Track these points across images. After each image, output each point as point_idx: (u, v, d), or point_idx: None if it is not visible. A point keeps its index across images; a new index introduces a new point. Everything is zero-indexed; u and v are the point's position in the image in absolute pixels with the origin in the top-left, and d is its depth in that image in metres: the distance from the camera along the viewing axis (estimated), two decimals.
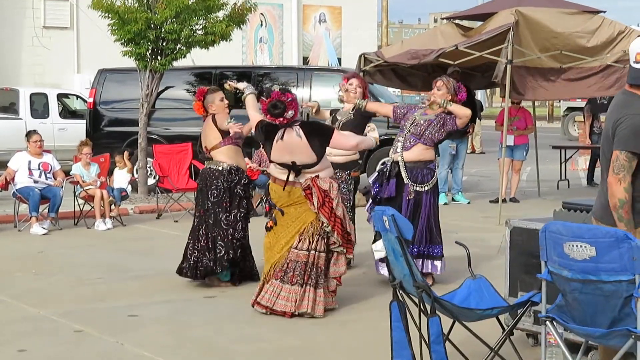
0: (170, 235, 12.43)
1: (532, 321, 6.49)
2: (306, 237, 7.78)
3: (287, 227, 7.86)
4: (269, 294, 7.80)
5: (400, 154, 8.84)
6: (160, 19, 15.14)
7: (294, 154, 7.78)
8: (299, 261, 7.76)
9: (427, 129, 8.83)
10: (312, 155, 7.78)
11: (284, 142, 7.79)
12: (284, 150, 7.80)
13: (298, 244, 7.78)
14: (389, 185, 8.79)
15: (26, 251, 11.21)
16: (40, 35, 28.00)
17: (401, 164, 8.82)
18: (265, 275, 7.93)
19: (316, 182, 7.76)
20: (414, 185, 8.77)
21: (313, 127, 7.97)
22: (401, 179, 8.82)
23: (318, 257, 7.78)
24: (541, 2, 15.23)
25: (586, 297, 4.81)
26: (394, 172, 8.83)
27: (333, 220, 7.76)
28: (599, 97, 19.37)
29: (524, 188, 17.37)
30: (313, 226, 7.78)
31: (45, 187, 12.77)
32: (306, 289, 7.73)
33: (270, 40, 32.12)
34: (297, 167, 7.78)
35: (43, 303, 8.35)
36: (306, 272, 7.74)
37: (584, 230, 4.77)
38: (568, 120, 33.86)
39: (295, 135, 7.78)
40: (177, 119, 17.40)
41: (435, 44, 14.32)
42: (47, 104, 21.26)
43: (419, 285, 5.51)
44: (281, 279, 7.77)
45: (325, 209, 7.74)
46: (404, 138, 8.86)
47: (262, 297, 7.84)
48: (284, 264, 7.79)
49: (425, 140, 8.83)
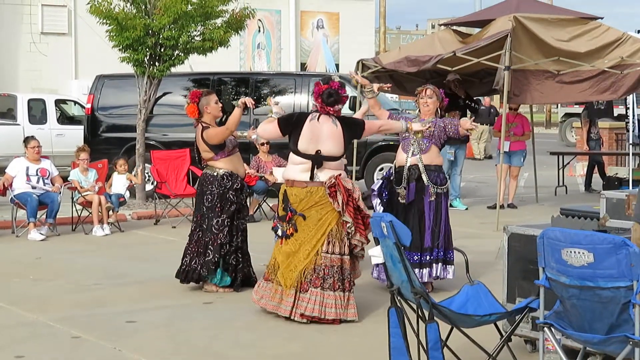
0: (168, 241, 12.43)
1: (530, 327, 6.49)
2: (335, 240, 7.71)
3: (310, 231, 7.75)
4: (315, 304, 7.63)
5: (419, 157, 8.82)
6: (159, 26, 15.15)
7: (321, 141, 7.74)
8: (335, 266, 7.68)
9: (435, 130, 8.84)
10: (340, 146, 7.79)
11: (318, 125, 7.76)
12: (313, 135, 7.74)
13: (329, 248, 7.70)
14: (410, 190, 8.76)
15: (24, 257, 11.20)
16: (38, 41, 28.03)
17: (421, 167, 8.80)
18: (292, 283, 7.72)
19: (341, 180, 7.71)
20: (434, 187, 8.79)
21: (348, 121, 8.04)
22: (420, 183, 8.80)
23: (347, 262, 7.76)
24: (539, 8, 15.29)
25: (584, 304, 4.82)
26: (414, 175, 8.79)
27: (357, 220, 7.73)
28: (596, 103, 19.41)
29: (521, 194, 17.38)
30: (338, 228, 7.72)
31: (43, 193, 12.76)
32: (349, 296, 7.72)
33: (268, 46, 32.16)
34: (321, 157, 7.72)
35: (41, 309, 8.34)
36: (345, 277, 7.71)
37: (581, 237, 4.78)
38: (565, 126, 33.89)
39: (332, 122, 7.79)
40: (175, 125, 17.40)
41: (433, 50, 14.35)
42: (44, 109, 21.25)
43: (417, 292, 5.51)
44: (321, 287, 7.65)
45: (350, 208, 7.70)
46: (417, 142, 8.84)
47: (307, 308, 7.65)
48: (319, 270, 7.67)
49: (435, 140, 8.87)
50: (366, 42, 33.05)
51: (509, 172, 15.96)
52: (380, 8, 38.72)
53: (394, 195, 8.86)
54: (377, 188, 8.97)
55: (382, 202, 8.90)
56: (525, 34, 13.83)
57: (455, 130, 8.87)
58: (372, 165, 16.91)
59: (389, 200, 8.89)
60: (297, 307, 7.69)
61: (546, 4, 19.02)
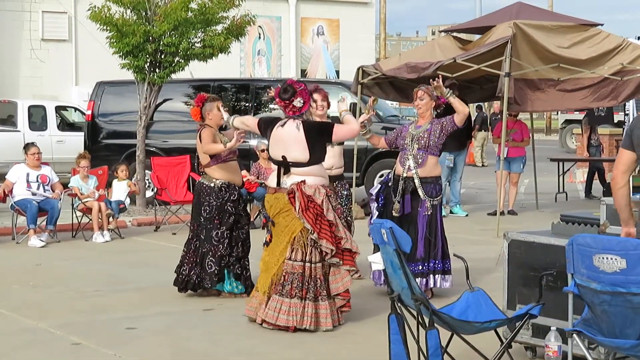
0: (168, 248, 12.42)
1: (530, 334, 6.49)
2: (298, 247, 7.68)
3: (279, 238, 7.80)
4: (272, 310, 7.68)
5: (415, 171, 8.79)
6: (159, 32, 15.16)
7: (286, 147, 7.73)
8: (295, 273, 7.65)
9: (430, 139, 8.84)
10: (305, 151, 7.68)
11: (282, 131, 7.76)
12: (279, 141, 7.77)
13: (291, 255, 7.68)
14: (406, 202, 8.75)
15: (24, 263, 11.20)
16: (39, 47, 28.05)
17: (417, 181, 8.77)
18: (266, 290, 7.79)
19: (300, 186, 7.65)
20: (430, 200, 8.78)
21: (313, 124, 7.93)
22: (415, 196, 8.79)
23: (314, 269, 7.69)
24: (539, 15, 15.29)
25: (615, 310, 4.81)
26: (409, 188, 8.78)
27: (319, 227, 7.61)
28: (596, 110, 19.43)
29: (521, 200, 17.38)
30: (302, 235, 7.68)
31: (44, 200, 12.76)
32: (305, 304, 7.63)
33: (269, 52, 32.18)
34: (287, 163, 7.71)
35: (41, 315, 8.34)
36: (304, 285, 7.64)
37: (614, 243, 4.77)
38: (566, 133, 33.93)
39: (295, 127, 7.73)
40: (175, 131, 17.41)
41: (434, 56, 14.35)
42: (45, 116, 21.27)
43: (418, 298, 5.51)
44: (280, 293, 7.68)
45: (309, 214, 7.59)
46: (413, 155, 8.83)
47: (267, 314, 7.71)
48: (280, 276, 7.71)
49: (432, 150, 8.85)
50: (366, 49, 33.06)
51: (509, 179, 15.96)
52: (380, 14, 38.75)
53: (390, 202, 8.87)
54: (375, 192, 8.99)
55: (377, 207, 8.93)
56: (525, 41, 13.84)
57: (452, 123, 8.85)
58: (373, 171, 16.89)
59: (384, 205, 8.92)
60: (264, 315, 7.71)
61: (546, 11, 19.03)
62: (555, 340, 5.53)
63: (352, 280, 8.06)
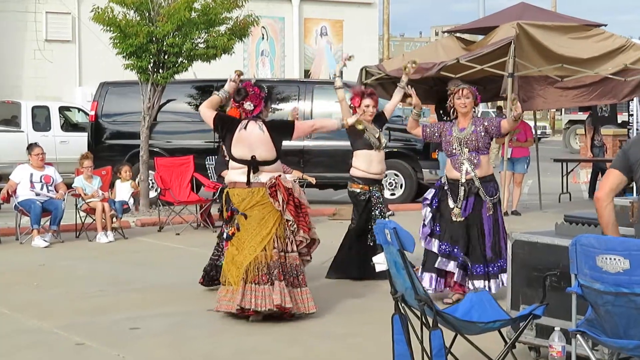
0: (172, 248, 12.43)
1: (534, 334, 6.48)
2: (280, 237, 7.96)
3: (253, 230, 7.96)
4: (262, 297, 7.84)
5: (474, 174, 8.58)
6: (162, 33, 15.18)
7: (254, 147, 7.98)
8: (280, 261, 7.92)
9: (478, 141, 8.61)
10: (272, 150, 8.00)
11: (246, 133, 8.01)
12: (244, 142, 7.99)
13: (276, 244, 7.94)
14: (468, 205, 8.57)
15: (27, 264, 11.21)
16: (42, 48, 28.10)
17: (477, 184, 8.59)
18: (238, 279, 7.88)
19: (280, 180, 7.95)
20: (490, 199, 8.63)
21: (274, 123, 8.23)
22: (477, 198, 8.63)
23: (294, 258, 8.01)
24: (542, 16, 15.30)
25: (619, 310, 4.80)
26: (473, 190, 8.59)
27: (298, 218, 7.99)
28: (600, 110, 19.44)
29: (525, 201, 17.37)
30: (281, 226, 7.96)
31: (47, 200, 12.77)
32: (291, 290, 7.91)
33: (272, 53, 32.20)
34: (256, 162, 7.95)
35: (44, 316, 8.34)
36: (287, 273, 7.93)
37: (617, 243, 4.76)
38: (570, 133, 33.92)
39: (258, 128, 8.00)
40: (179, 131, 17.45)
41: (437, 57, 14.36)
42: (49, 116, 21.29)
43: (421, 298, 5.50)
44: (265, 282, 7.83)
45: (290, 207, 7.94)
46: (467, 157, 8.59)
47: (255, 303, 7.83)
48: (263, 265, 7.85)
49: (482, 150, 8.65)
50: (370, 49, 33.06)
51: (513, 179, 15.95)
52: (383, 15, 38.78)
53: (445, 206, 8.67)
54: (431, 197, 8.78)
55: (432, 210, 8.72)
56: (528, 41, 13.85)
57: (497, 130, 8.66)
58: None
59: (438, 208, 8.71)
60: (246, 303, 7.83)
61: (549, 12, 19.05)
62: (559, 341, 5.52)
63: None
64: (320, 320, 8.10)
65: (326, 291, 9.22)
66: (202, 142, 16.93)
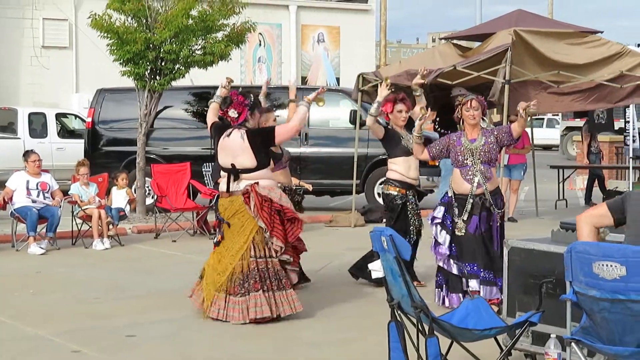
0: (168, 255, 12.42)
1: (530, 341, 6.48)
2: (258, 245, 8.09)
3: (234, 238, 8.16)
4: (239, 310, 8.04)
5: (484, 187, 8.45)
6: (159, 39, 15.18)
7: (234, 156, 8.14)
8: (258, 268, 8.05)
9: (491, 152, 8.49)
10: (252, 158, 8.10)
11: (228, 140, 8.18)
12: (227, 150, 8.18)
13: (254, 252, 8.08)
14: (482, 220, 8.43)
15: (24, 271, 11.19)
16: (39, 54, 28.09)
17: (489, 198, 8.47)
18: (220, 287, 8.12)
19: (255, 187, 8.07)
20: (499, 212, 8.54)
21: (255, 132, 8.26)
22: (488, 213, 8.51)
23: (274, 263, 8.11)
24: (538, 22, 15.32)
25: (615, 317, 4.79)
26: (485, 205, 8.45)
27: (272, 225, 8.06)
28: (596, 117, 19.45)
29: (522, 208, 17.38)
30: (258, 233, 8.09)
31: (43, 207, 12.76)
32: (270, 295, 8.02)
33: (269, 59, 32.22)
34: (236, 170, 8.11)
35: (41, 323, 8.33)
36: (267, 278, 8.05)
37: (614, 250, 4.76)
38: (567, 140, 33.93)
39: (240, 137, 8.13)
40: (176, 138, 17.45)
41: (434, 64, 14.36)
42: (45, 123, 21.27)
43: (417, 306, 5.51)
44: (241, 293, 8.02)
45: (264, 213, 8.03)
46: (480, 170, 8.45)
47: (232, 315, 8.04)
48: (241, 274, 8.04)
49: (493, 163, 8.54)
50: (367, 56, 33.11)
51: (509, 186, 15.96)
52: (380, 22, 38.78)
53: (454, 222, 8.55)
54: (441, 216, 8.62)
55: (448, 232, 8.55)
56: (525, 48, 13.86)
57: (509, 136, 8.51)
58: (373, 179, 16.92)
59: (453, 228, 8.54)
60: (218, 314, 8.10)
61: (546, 18, 19.09)
62: (555, 348, 5.52)
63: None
64: (317, 326, 8.11)
65: (323, 297, 9.22)
66: (199, 149, 16.93)
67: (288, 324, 8.16)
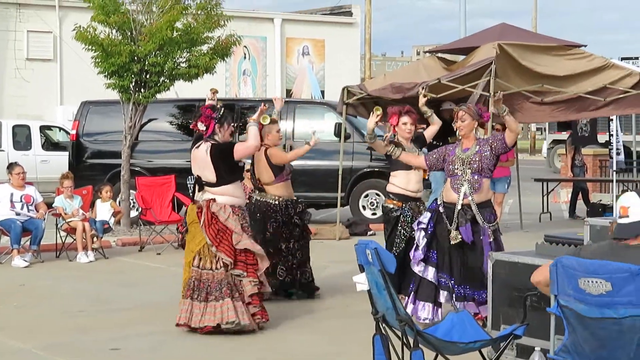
0: (153, 268, 12.39)
1: (514, 354, 6.50)
2: (206, 256, 8.24)
3: (188, 245, 8.47)
4: (196, 315, 8.21)
5: (471, 198, 8.26)
6: (144, 52, 15.17)
7: (201, 168, 8.31)
8: (204, 279, 8.20)
9: (482, 162, 8.31)
10: (211, 173, 8.21)
11: (197, 152, 8.35)
12: (196, 161, 8.38)
13: (199, 263, 8.25)
14: (467, 231, 8.23)
15: (7, 284, 11.14)
16: (23, 67, 28.00)
17: (474, 208, 8.26)
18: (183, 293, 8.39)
19: (208, 203, 8.23)
20: (490, 226, 8.30)
21: (216, 148, 8.29)
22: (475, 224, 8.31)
23: (224, 275, 8.19)
24: (522, 36, 15.39)
25: (603, 332, 4.77)
26: (467, 216, 8.25)
27: (218, 241, 8.14)
28: (580, 130, 19.52)
29: (506, 221, 17.39)
30: (206, 246, 8.25)
31: (27, 220, 12.72)
32: (216, 304, 8.12)
33: (254, 72, 32.22)
34: (201, 182, 8.31)
35: (24, 336, 8.30)
36: (215, 288, 8.16)
37: (597, 267, 4.72)
38: (553, 153, 33.99)
39: (204, 150, 8.26)
40: (160, 151, 17.42)
41: (418, 77, 14.40)
42: (29, 135, 21.20)
43: (402, 319, 5.51)
44: (191, 297, 8.22)
45: (211, 230, 8.17)
46: (468, 180, 8.29)
47: (192, 320, 8.21)
48: (191, 282, 8.25)
49: (485, 173, 8.33)
50: (351, 69, 33.14)
51: (493, 199, 15.95)
52: (365, 35, 38.90)
53: (441, 230, 8.38)
54: (426, 221, 8.48)
55: (426, 235, 8.43)
56: (509, 61, 13.92)
57: (502, 143, 8.34)
58: (358, 192, 16.93)
59: (434, 233, 8.42)
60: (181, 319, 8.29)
61: (530, 32, 19.19)
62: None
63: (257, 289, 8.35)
64: (301, 340, 8.10)
65: (308, 311, 9.21)
66: (184, 162, 16.84)
67: (272, 337, 8.15)
